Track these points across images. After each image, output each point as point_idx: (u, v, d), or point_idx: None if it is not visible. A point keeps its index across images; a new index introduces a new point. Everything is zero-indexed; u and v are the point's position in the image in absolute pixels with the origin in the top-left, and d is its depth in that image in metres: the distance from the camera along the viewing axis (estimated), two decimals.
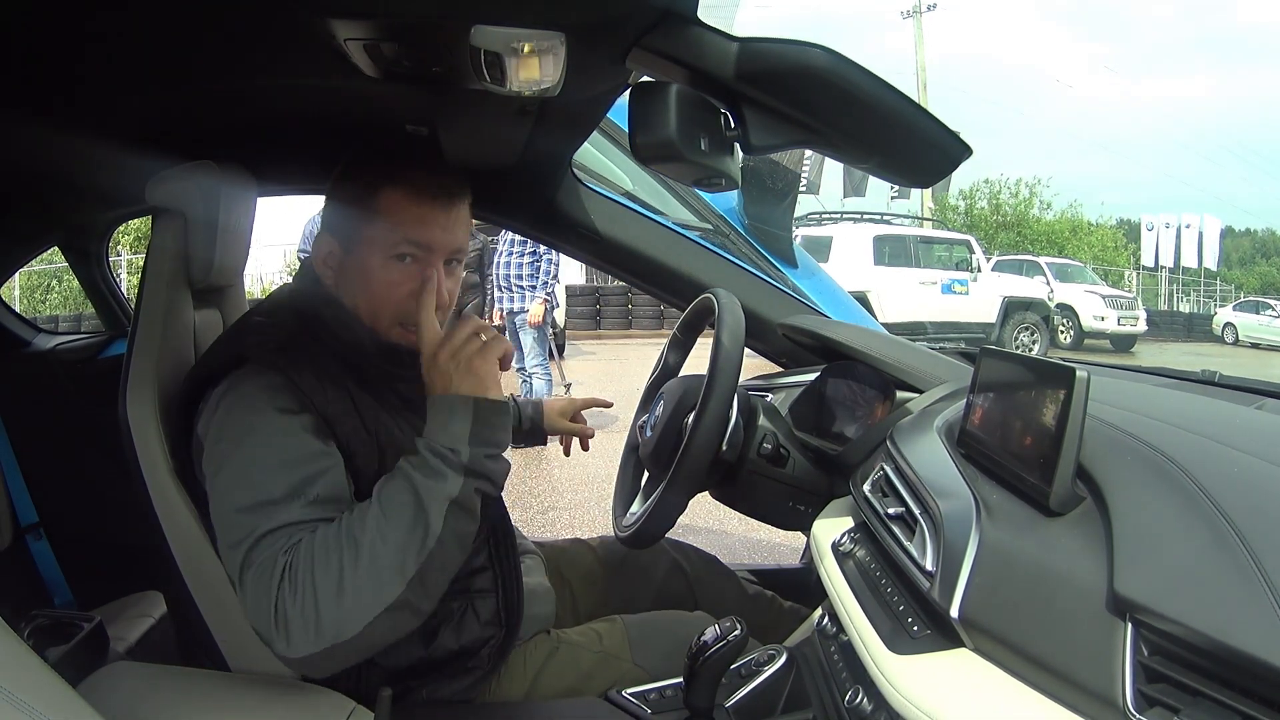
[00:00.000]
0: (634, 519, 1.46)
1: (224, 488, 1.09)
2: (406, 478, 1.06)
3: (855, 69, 0.91)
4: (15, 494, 2.01)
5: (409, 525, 1.03)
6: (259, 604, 1.01)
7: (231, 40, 1.05)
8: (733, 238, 2.06)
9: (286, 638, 1.00)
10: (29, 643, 1.16)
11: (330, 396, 1.14)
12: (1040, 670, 0.69)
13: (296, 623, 0.99)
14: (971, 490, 0.91)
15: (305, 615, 0.99)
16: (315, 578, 1.00)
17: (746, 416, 1.45)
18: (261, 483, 1.06)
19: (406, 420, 1.22)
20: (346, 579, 1.00)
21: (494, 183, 1.76)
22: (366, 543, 1.01)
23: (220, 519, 1.09)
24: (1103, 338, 15.75)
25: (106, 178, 1.70)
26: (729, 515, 3.46)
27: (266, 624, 1.00)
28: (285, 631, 0.99)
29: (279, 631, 1.00)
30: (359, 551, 1.01)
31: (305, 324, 1.21)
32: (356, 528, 1.03)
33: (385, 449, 1.17)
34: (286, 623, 0.99)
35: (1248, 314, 20.29)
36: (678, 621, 1.46)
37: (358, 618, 1.00)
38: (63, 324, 12.33)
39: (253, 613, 1.02)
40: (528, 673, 1.32)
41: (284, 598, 1.00)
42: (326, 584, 1.00)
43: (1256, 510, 0.69)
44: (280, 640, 1.00)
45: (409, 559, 1.02)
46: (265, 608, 1.00)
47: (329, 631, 1.00)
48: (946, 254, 13.69)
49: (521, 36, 0.96)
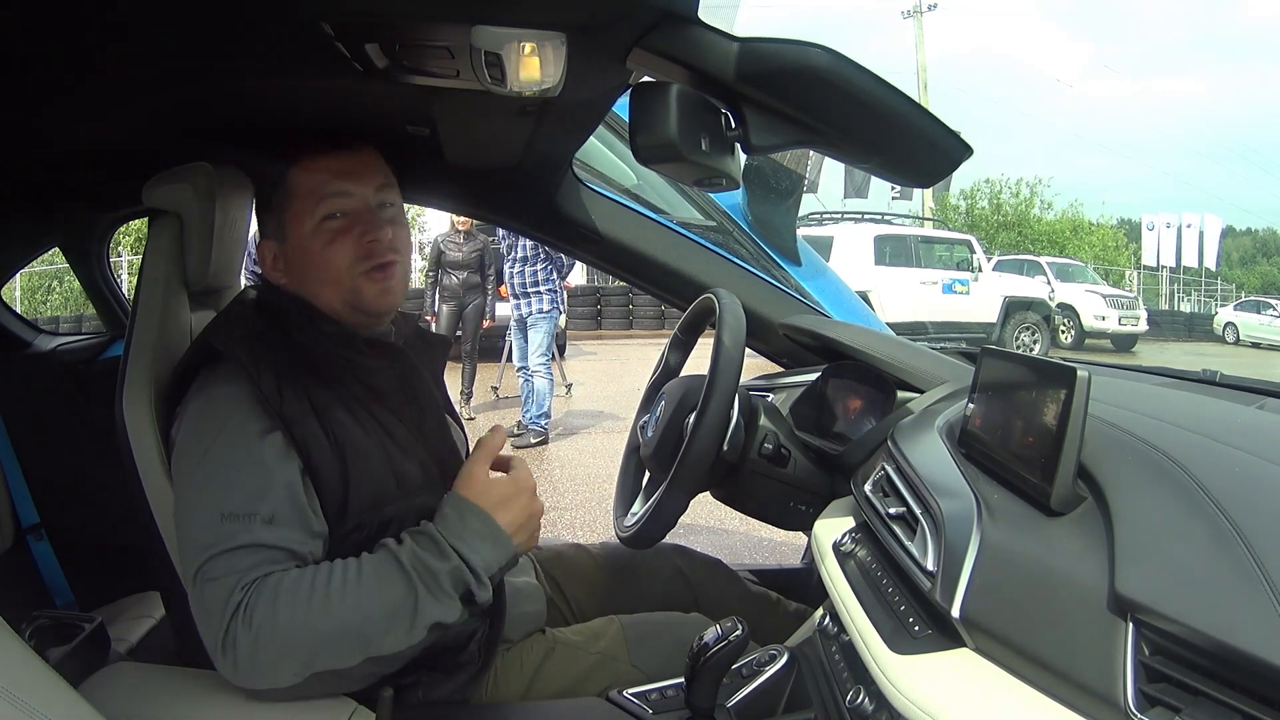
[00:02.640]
0: (635, 519, 1.46)
1: (185, 496, 1.11)
2: (410, 580, 1.05)
3: (856, 69, 0.91)
4: (16, 495, 2.01)
5: (390, 615, 1.04)
6: (209, 620, 1.03)
7: (229, 41, 1.05)
8: (737, 235, 2.05)
9: (233, 665, 1.02)
10: (30, 643, 1.17)
11: (287, 397, 1.13)
12: (1041, 670, 0.69)
13: (245, 657, 1.01)
14: (972, 490, 0.91)
15: (254, 655, 1.01)
16: (277, 624, 1.01)
17: (747, 416, 1.45)
18: (221, 497, 1.07)
19: (372, 413, 1.21)
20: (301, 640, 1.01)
21: (494, 183, 1.76)
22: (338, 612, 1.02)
23: (179, 522, 1.11)
24: (1104, 337, 15.74)
25: (105, 179, 1.70)
26: (730, 515, 3.46)
27: (213, 642, 1.03)
28: (232, 659, 1.01)
29: (225, 655, 1.02)
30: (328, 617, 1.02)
31: (267, 322, 1.22)
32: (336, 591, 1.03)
33: (344, 447, 1.16)
34: (235, 651, 1.01)
35: (1249, 313, 20.27)
36: (675, 622, 1.46)
37: (298, 672, 1.02)
38: (63, 325, 12.35)
39: (201, 624, 1.05)
40: (524, 674, 1.32)
41: (236, 630, 1.01)
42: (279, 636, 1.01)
43: (1258, 510, 0.69)
44: (225, 663, 1.02)
45: (378, 642, 1.03)
46: (215, 628, 1.02)
47: (274, 674, 1.01)
48: (947, 254, 13.69)
49: (522, 36, 0.96)
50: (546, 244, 2.04)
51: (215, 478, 1.09)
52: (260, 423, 1.11)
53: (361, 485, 1.15)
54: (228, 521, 1.05)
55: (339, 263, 1.21)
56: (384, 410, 1.22)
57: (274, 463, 1.10)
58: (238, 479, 1.08)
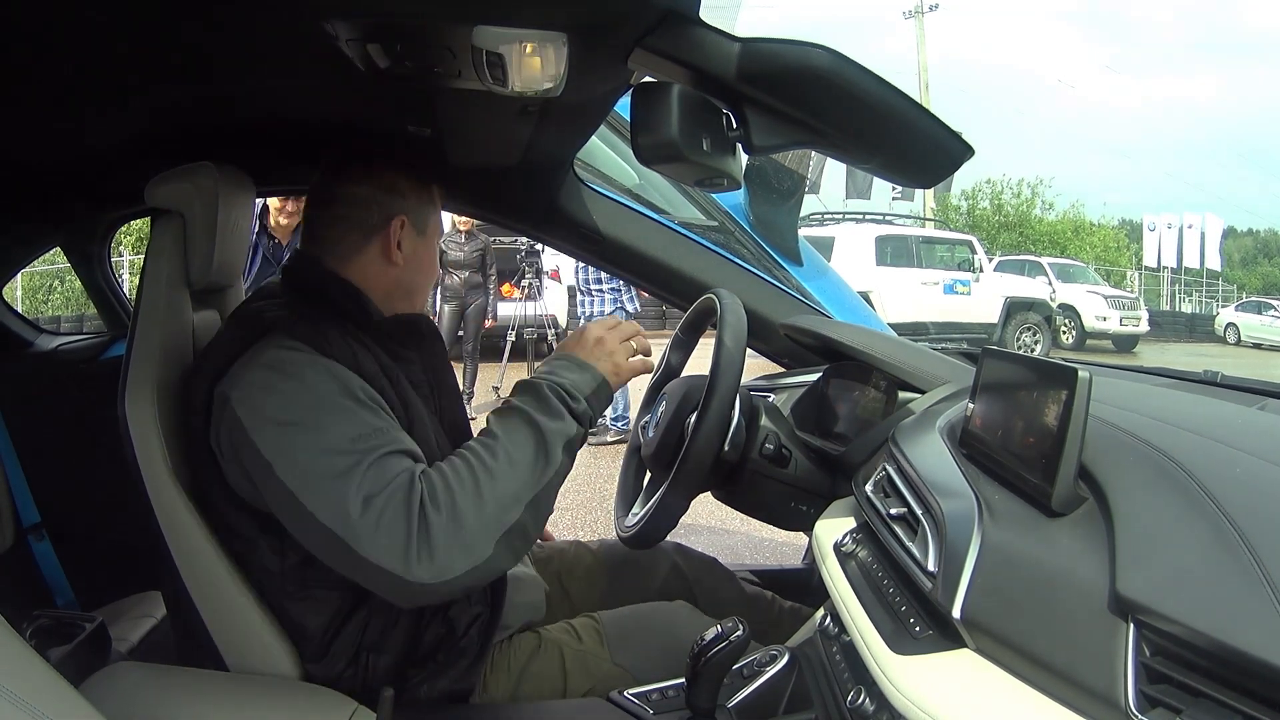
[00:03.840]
0: (636, 519, 1.46)
1: (300, 448, 1.10)
2: (525, 415, 1.18)
3: (857, 69, 0.90)
4: (18, 494, 2.01)
5: (532, 456, 1.15)
6: (393, 531, 1.05)
7: (232, 41, 1.05)
8: (739, 235, 2.06)
9: (430, 558, 1.05)
10: (31, 643, 1.17)
11: (360, 357, 1.20)
12: (1042, 671, 0.69)
13: (442, 542, 1.06)
14: (973, 490, 0.90)
15: (450, 535, 1.06)
16: (457, 499, 1.08)
17: (748, 417, 1.45)
18: (340, 429, 1.10)
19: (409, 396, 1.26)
20: (486, 499, 1.10)
21: (496, 183, 1.77)
22: (498, 469, 1.13)
23: (305, 478, 1.09)
24: (1105, 338, 15.73)
25: (107, 179, 1.70)
26: (731, 515, 3.45)
27: (403, 549, 1.05)
28: (429, 552, 1.05)
29: (420, 554, 1.05)
30: (493, 476, 1.12)
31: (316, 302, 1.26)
32: (485, 455, 1.14)
33: (408, 407, 1.23)
34: (430, 544, 1.05)
35: (1250, 314, 20.27)
36: (655, 613, 1.48)
37: (491, 536, 1.09)
38: (65, 325, 12.35)
39: (384, 543, 1.05)
40: (512, 671, 1.34)
41: (429, 518, 1.06)
42: (468, 505, 1.08)
43: (1259, 511, 0.68)
44: (421, 562, 1.05)
45: (528, 488, 1.13)
46: (401, 533, 1.05)
47: (474, 549, 1.08)
48: (948, 254, 13.69)
49: (523, 37, 0.96)
50: (548, 244, 2.04)
51: (325, 417, 1.11)
52: (342, 370, 1.16)
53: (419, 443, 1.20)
54: (359, 442, 1.09)
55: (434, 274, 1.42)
56: (416, 396, 1.27)
57: (367, 399, 1.15)
58: (346, 412, 1.12)
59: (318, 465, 1.08)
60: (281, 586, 1.21)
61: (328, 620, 1.21)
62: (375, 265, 1.31)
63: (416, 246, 1.34)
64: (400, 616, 1.23)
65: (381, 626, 1.22)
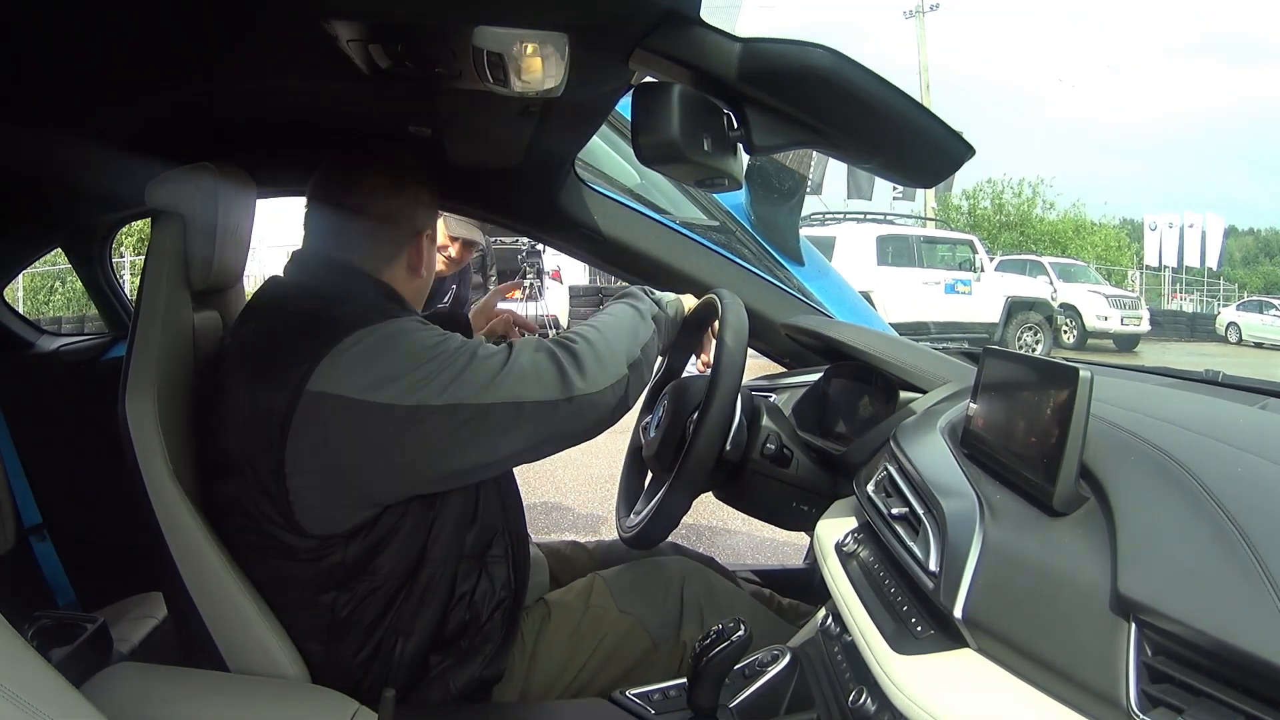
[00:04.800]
0: (638, 519, 1.46)
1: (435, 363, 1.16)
2: (619, 300, 1.43)
3: (858, 69, 0.91)
4: (19, 495, 2.01)
5: (631, 317, 1.36)
6: (547, 369, 1.20)
7: (232, 42, 1.05)
8: (740, 235, 2.06)
9: (581, 372, 1.21)
10: (33, 644, 1.17)
11: None
12: (1044, 670, 0.69)
13: (589, 359, 1.22)
14: (975, 490, 0.90)
15: (591, 355, 1.23)
16: (589, 334, 1.27)
17: (750, 417, 1.45)
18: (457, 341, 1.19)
19: None
20: (611, 339, 1.28)
21: (497, 183, 1.77)
22: (611, 323, 1.33)
23: (473, 366, 1.17)
24: (1106, 337, 15.73)
25: (107, 180, 1.70)
26: (732, 515, 3.46)
27: (557, 375, 1.19)
28: (578, 369, 1.21)
29: (572, 370, 1.20)
30: (610, 327, 1.31)
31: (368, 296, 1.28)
32: (597, 319, 1.34)
33: None
34: (578, 362, 1.21)
35: (1251, 313, 20.24)
36: (652, 566, 1.52)
37: (622, 361, 1.26)
38: (66, 326, 12.35)
39: (541, 378, 1.19)
40: (527, 642, 1.36)
41: (569, 346, 1.23)
42: (599, 338, 1.27)
43: (1260, 510, 0.68)
44: (575, 376, 1.20)
45: (636, 339, 1.32)
46: (552, 365, 1.20)
47: (611, 368, 1.24)
48: (950, 254, 13.70)
49: (524, 37, 0.96)
50: (549, 244, 2.04)
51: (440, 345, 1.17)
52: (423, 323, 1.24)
53: None
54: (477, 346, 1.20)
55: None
56: None
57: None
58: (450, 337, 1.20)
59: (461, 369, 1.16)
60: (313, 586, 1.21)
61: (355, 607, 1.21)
62: (403, 275, 1.34)
63: (430, 254, 1.39)
64: (427, 598, 1.24)
65: (410, 610, 1.23)
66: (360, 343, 1.14)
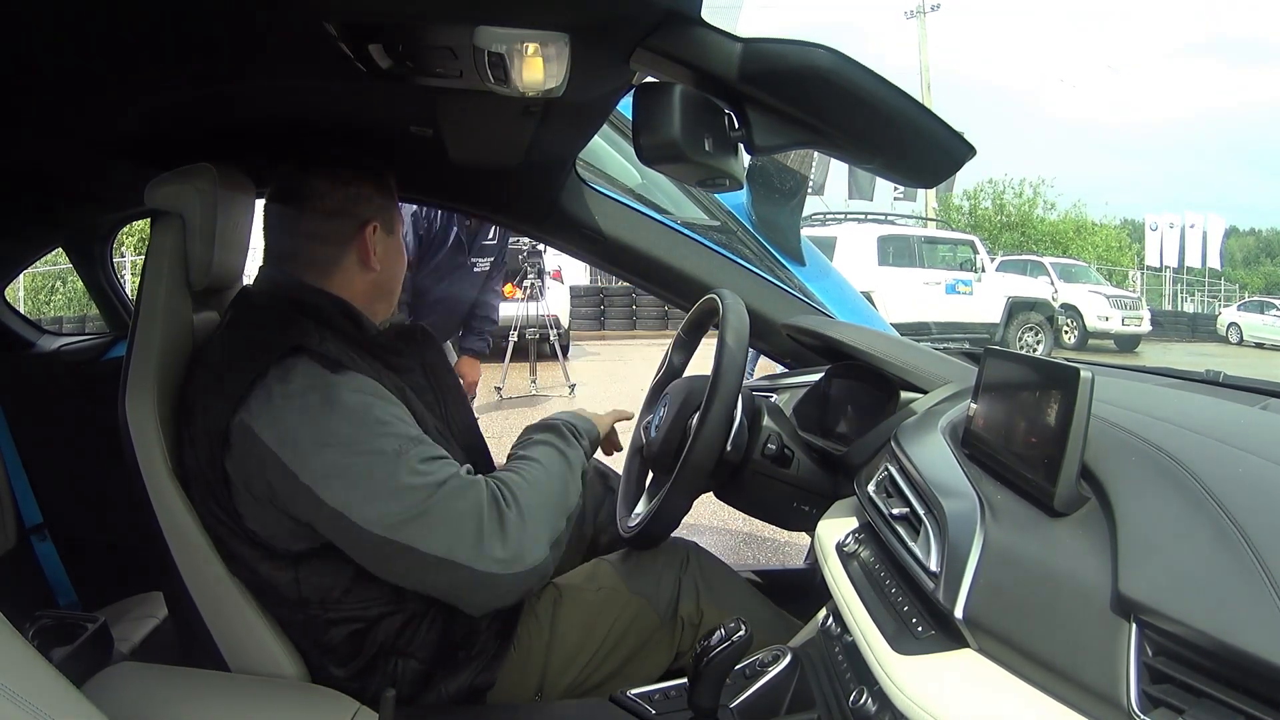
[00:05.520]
0: (639, 519, 1.47)
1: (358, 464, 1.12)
2: (548, 444, 1.34)
3: (859, 69, 0.90)
4: (20, 495, 2.02)
5: (564, 476, 1.29)
6: (465, 520, 1.13)
7: (233, 42, 1.05)
8: (741, 235, 2.06)
9: (503, 544, 1.13)
10: (33, 643, 1.17)
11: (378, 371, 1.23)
12: (1044, 671, 0.69)
13: (515, 532, 1.15)
14: (976, 490, 0.90)
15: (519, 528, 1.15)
16: (525, 497, 1.19)
17: (751, 417, 1.45)
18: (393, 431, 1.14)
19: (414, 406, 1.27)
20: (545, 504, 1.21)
21: (498, 183, 1.77)
22: (545, 481, 1.25)
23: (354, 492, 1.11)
24: (1107, 338, 15.71)
25: (108, 180, 1.70)
26: (733, 515, 3.46)
27: (476, 535, 1.12)
28: (500, 540, 1.13)
29: (494, 539, 1.13)
30: (544, 487, 1.24)
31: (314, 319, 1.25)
32: (532, 470, 1.26)
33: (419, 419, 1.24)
34: (503, 532, 1.14)
35: (1252, 314, 20.21)
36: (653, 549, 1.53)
37: (547, 539, 1.19)
38: (67, 325, 12.36)
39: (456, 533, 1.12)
40: (543, 624, 1.37)
41: (501, 509, 1.15)
42: (533, 503, 1.19)
43: (1261, 510, 0.68)
44: (494, 548, 1.13)
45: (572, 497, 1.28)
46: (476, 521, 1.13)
47: (536, 548, 1.17)
48: (950, 254, 13.67)
49: (525, 37, 0.96)
50: (550, 244, 2.04)
51: (367, 429, 1.13)
52: (370, 383, 1.18)
53: None
54: (407, 446, 1.14)
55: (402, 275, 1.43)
56: (420, 405, 1.28)
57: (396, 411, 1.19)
58: (383, 425, 1.14)
59: (367, 481, 1.11)
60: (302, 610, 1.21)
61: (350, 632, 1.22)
62: (355, 273, 1.33)
63: (388, 246, 1.37)
64: (430, 617, 1.25)
65: (412, 632, 1.23)
66: (288, 385, 1.15)
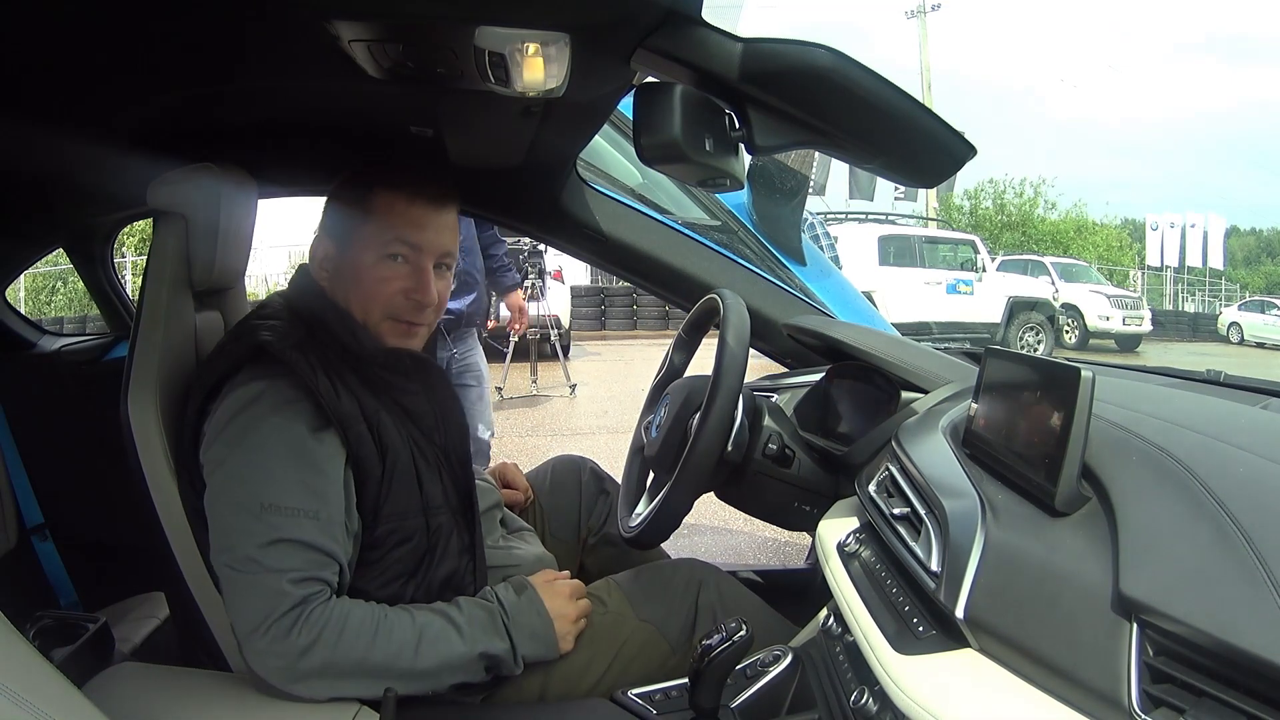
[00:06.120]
0: (639, 519, 1.46)
1: (223, 484, 1.13)
2: (467, 651, 1.18)
3: (859, 69, 0.91)
4: (21, 495, 2.01)
5: (437, 669, 1.16)
6: (246, 608, 1.08)
7: (234, 42, 1.05)
8: (742, 235, 2.05)
9: (263, 657, 1.08)
10: (34, 644, 1.17)
11: (342, 397, 1.17)
12: (1045, 671, 0.69)
13: (288, 660, 1.08)
14: (977, 490, 0.90)
15: (296, 666, 1.08)
16: (339, 652, 1.10)
17: (752, 417, 1.45)
18: (264, 488, 1.11)
19: (406, 431, 1.25)
20: (356, 672, 1.11)
21: (498, 183, 1.77)
22: (396, 659, 1.13)
23: (214, 508, 1.14)
24: (1108, 337, 15.72)
25: (109, 180, 1.70)
26: (734, 515, 3.45)
27: (249, 627, 1.08)
28: (264, 654, 1.08)
29: (259, 645, 1.07)
30: (381, 652, 1.12)
31: (310, 326, 1.23)
32: (398, 641, 1.13)
33: (387, 452, 1.20)
34: (276, 647, 1.07)
35: (1253, 313, 20.20)
36: (665, 571, 1.49)
37: (326, 692, 1.11)
38: (68, 326, 12.36)
39: (235, 607, 1.10)
40: None
41: (289, 631, 1.07)
42: (344, 663, 1.10)
43: (1262, 510, 0.68)
44: (259, 653, 1.08)
45: (413, 684, 1.15)
46: (253, 617, 1.08)
47: (300, 685, 1.10)
48: (951, 254, 13.67)
49: (526, 37, 0.96)
50: (551, 244, 2.04)
51: (259, 469, 1.11)
52: (312, 420, 1.15)
53: (397, 494, 1.20)
54: (270, 513, 1.09)
55: (385, 292, 1.26)
56: (416, 429, 1.26)
57: (324, 461, 1.14)
58: (285, 474, 1.12)
59: (227, 509, 1.13)
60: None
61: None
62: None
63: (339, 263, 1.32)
64: None
65: None
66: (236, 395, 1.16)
